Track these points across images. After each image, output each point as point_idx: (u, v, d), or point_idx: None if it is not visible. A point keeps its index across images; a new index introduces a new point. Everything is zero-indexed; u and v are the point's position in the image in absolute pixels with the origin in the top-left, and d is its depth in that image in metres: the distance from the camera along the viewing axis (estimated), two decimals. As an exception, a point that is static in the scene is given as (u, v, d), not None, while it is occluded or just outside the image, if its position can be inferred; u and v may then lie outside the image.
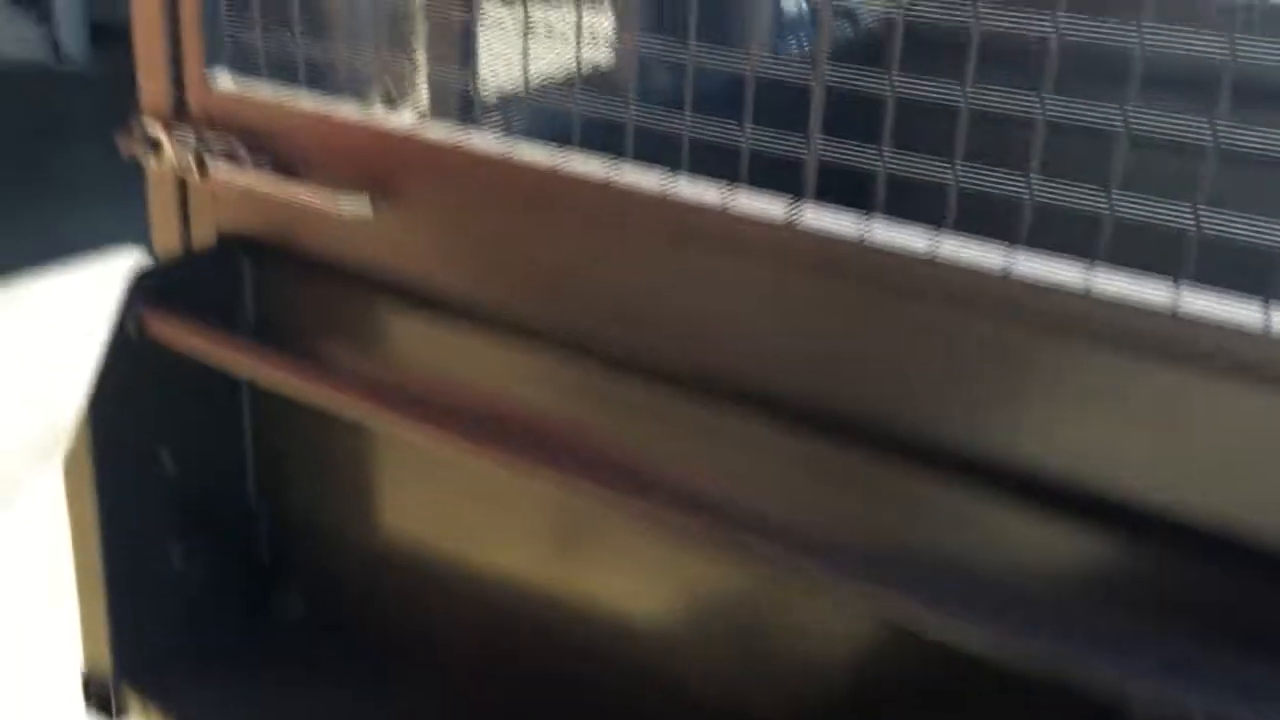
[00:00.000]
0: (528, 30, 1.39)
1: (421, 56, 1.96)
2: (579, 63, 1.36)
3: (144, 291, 1.59)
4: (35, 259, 5.47)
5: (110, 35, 8.15)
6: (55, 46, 8.86)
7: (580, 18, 1.34)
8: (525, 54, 1.33)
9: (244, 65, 1.64)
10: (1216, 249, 1.05)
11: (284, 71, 1.63)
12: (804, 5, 2.86)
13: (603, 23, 2.39)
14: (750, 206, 1.27)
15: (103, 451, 1.58)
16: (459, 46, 1.89)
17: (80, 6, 8.83)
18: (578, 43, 1.31)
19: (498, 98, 1.93)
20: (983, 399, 1.18)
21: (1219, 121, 1.01)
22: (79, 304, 4.91)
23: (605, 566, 1.53)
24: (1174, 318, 1.05)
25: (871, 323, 1.23)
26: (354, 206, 1.50)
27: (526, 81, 1.43)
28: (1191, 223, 1.05)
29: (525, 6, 1.39)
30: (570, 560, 1.57)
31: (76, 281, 5.29)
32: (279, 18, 1.61)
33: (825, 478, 1.29)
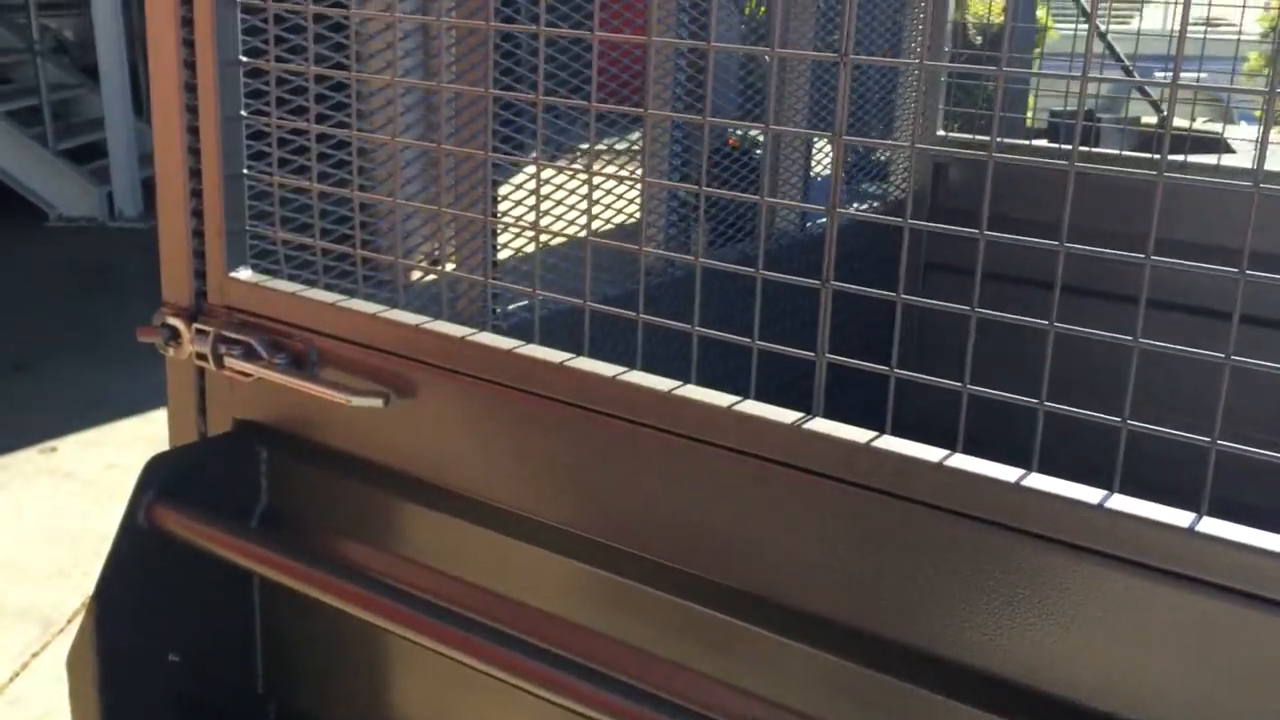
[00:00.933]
0: (539, 231, 1.40)
1: (440, 251, 1.98)
2: (587, 263, 1.36)
3: (156, 481, 1.58)
4: (84, 420, 5.52)
5: (163, 193, 8.40)
6: (111, 204, 9.16)
7: (591, 219, 1.35)
8: (538, 252, 1.34)
9: (265, 254, 1.66)
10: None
11: (304, 265, 1.65)
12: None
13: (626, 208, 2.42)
14: (762, 412, 1.24)
15: (108, 645, 1.55)
16: (480, 244, 1.92)
17: (134, 167, 9.15)
18: (586, 249, 1.32)
19: (514, 294, 1.95)
20: (997, 617, 1.13)
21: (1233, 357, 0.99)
22: (125, 467, 4.93)
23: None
24: (1192, 539, 1.02)
25: (886, 537, 1.19)
26: (366, 400, 1.49)
27: (539, 278, 1.43)
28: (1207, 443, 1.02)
29: (538, 205, 1.41)
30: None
31: (122, 439, 5.33)
32: (299, 210, 1.64)
33: (848, 696, 1.24)
